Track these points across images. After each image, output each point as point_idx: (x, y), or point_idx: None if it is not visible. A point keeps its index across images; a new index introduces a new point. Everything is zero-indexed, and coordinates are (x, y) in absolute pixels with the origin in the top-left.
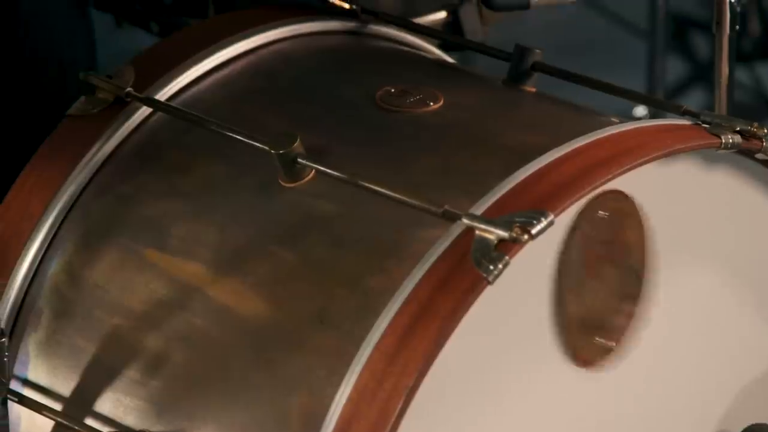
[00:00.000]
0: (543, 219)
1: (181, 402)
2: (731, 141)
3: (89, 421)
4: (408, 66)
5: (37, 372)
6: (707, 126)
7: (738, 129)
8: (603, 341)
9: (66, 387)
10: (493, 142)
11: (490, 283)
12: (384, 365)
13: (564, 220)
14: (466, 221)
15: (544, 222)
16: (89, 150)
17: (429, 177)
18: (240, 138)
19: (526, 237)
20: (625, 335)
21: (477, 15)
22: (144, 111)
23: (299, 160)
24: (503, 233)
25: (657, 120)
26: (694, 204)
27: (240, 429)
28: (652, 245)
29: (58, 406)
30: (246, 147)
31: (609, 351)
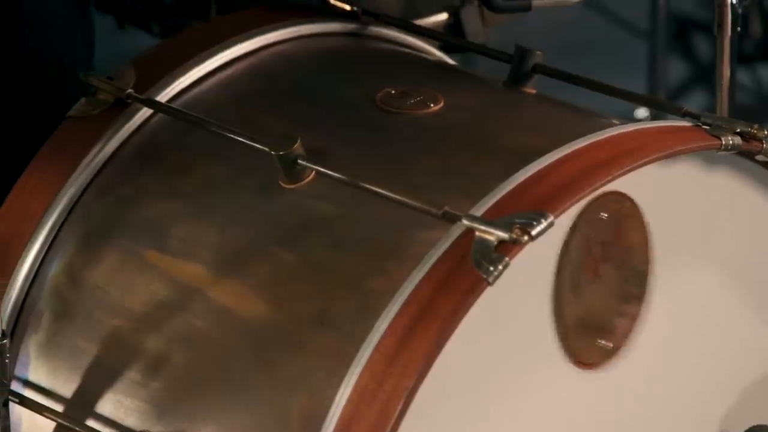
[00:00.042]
0: (543, 220)
1: (182, 403)
2: (731, 142)
3: (90, 422)
4: (408, 67)
5: (38, 373)
6: (708, 127)
7: (738, 131)
8: (603, 342)
9: (67, 388)
10: (493, 143)
11: (490, 285)
12: (384, 366)
13: (564, 221)
14: (466, 222)
15: (544, 223)
16: (90, 151)
17: (429, 178)
18: (240, 139)
19: (526, 238)
20: (626, 336)
21: (478, 17)
22: (145, 112)
23: (299, 161)
24: (503, 234)
25: (657, 121)
26: (694, 205)
27: (240, 430)
28: (652, 246)
29: (59, 407)
30: (246, 148)
31: (609, 352)
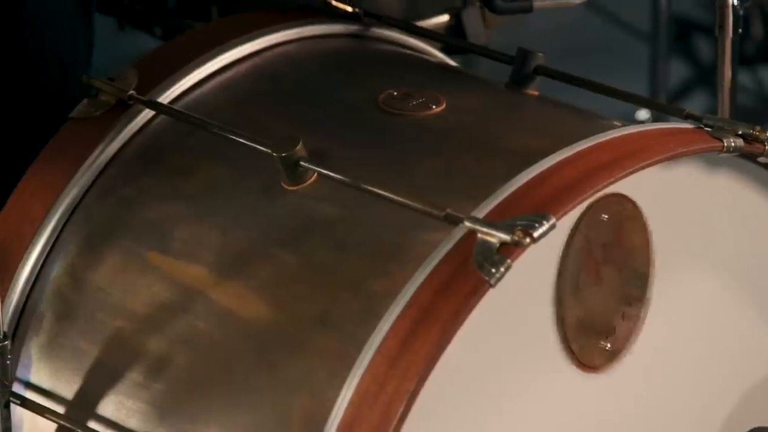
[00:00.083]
0: (545, 222)
1: (184, 404)
2: (733, 144)
3: (92, 424)
4: (410, 69)
5: (40, 375)
6: (709, 129)
7: (740, 132)
8: (605, 344)
9: (68, 390)
10: (496, 145)
11: (492, 287)
12: (386, 368)
13: (566, 223)
14: (468, 224)
15: (546, 225)
16: (92, 153)
17: (431, 180)
18: (242, 141)
19: (528, 240)
20: (627, 338)
21: (480, 18)
22: (147, 114)
23: (302, 163)
24: (505, 236)
25: (659, 123)
26: (696, 207)
27: (242, 431)
28: (653, 248)
29: (60, 409)
30: (249, 150)
31: (611, 354)
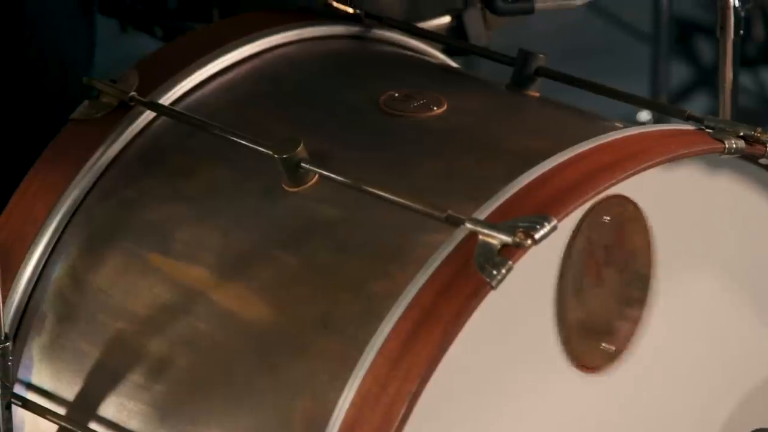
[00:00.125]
0: (546, 224)
1: (185, 406)
2: (735, 146)
3: (93, 426)
4: (411, 70)
5: (41, 376)
6: (711, 131)
7: (741, 134)
8: (606, 346)
9: (70, 391)
10: (497, 146)
11: (493, 288)
12: (387, 370)
13: (567, 224)
14: (469, 226)
15: (547, 227)
16: (93, 154)
17: (432, 181)
18: (243, 142)
19: (529, 242)
20: (628, 340)
21: (481, 19)
22: (148, 115)
23: (303, 164)
24: (506, 238)
25: (661, 125)
26: (697, 209)
27: None
28: (654, 250)
29: (61, 410)
30: (250, 151)
31: (612, 355)
